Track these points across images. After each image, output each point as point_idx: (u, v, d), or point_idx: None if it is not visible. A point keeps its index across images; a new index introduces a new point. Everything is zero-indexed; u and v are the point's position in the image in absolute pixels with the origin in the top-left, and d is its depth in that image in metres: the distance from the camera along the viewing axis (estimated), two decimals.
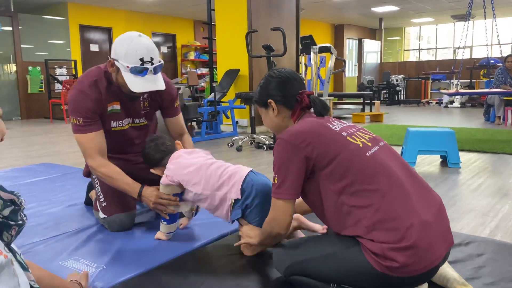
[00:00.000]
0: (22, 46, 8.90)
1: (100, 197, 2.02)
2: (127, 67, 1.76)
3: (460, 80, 11.33)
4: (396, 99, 12.26)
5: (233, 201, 1.63)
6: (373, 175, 1.26)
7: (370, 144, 1.34)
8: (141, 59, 1.77)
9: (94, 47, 10.27)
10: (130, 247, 1.79)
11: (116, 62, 1.80)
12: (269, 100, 1.48)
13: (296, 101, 1.46)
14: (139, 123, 2.09)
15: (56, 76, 9.04)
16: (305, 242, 1.42)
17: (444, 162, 3.66)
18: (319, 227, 1.69)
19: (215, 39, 6.72)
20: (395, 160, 1.34)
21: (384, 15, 12.91)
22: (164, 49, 11.91)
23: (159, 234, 1.87)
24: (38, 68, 9.04)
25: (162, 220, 1.82)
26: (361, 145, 1.32)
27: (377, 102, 8.28)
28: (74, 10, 9.69)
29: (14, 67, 8.86)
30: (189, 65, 12.24)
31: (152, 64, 1.80)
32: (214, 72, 6.44)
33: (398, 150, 4.35)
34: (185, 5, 10.16)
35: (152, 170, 1.89)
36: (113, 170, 1.88)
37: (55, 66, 9.17)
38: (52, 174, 3.27)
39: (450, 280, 1.36)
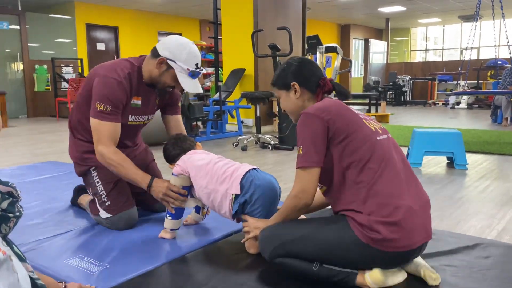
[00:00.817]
0: (29, 44, 8.95)
1: (103, 196, 2.01)
2: (188, 69, 1.91)
3: (467, 81, 11.26)
4: (402, 99, 12.20)
5: (233, 197, 1.67)
6: (378, 158, 1.38)
7: (380, 132, 1.47)
8: (196, 64, 1.94)
9: (100, 46, 10.31)
10: (134, 246, 1.79)
11: (171, 63, 1.91)
12: (293, 83, 1.56)
13: (319, 86, 1.56)
14: (148, 120, 2.17)
15: (63, 75, 9.09)
16: (292, 224, 1.49)
17: (451, 164, 3.63)
18: None
19: (221, 39, 6.72)
20: (397, 153, 1.46)
21: (390, 15, 12.86)
22: None
23: (163, 233, 1.87)
24: (45, 66, 9.09)
25: (167, 215, 1.83)
26: (373, 130, 1.45)
27: (383, 103, 8.25)
28: (81, 9, 9.73)
29: (21, 66, 8.91)
30: None
31: (201, 70, 1.98)
32: (219, 72, 6.44)
33: (404, 151, 4.33)
34: (191, 4, 10.17)
35: (169, 166, 1.95)
36: (124, 158, 1.91)
37: (62, 65, 9.21)
38: (58, 172, 3.28)
39: (420, 264, 1.45)
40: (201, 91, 2.01)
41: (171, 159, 1.93)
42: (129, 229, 1.99)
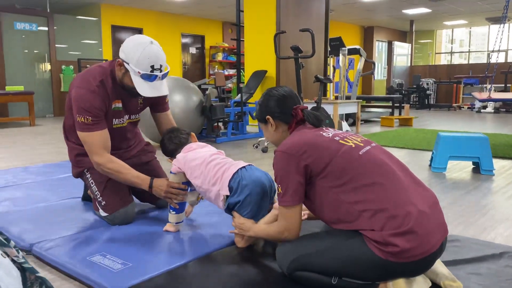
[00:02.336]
0: (56, 45, 9.18)
1: (98, 196, 2.07)
2: (138, 72, 1.86)
3: (494, 85, 10.97)
4: (426, 103, 11.99)
5: (225, 197, 1.74)
6: (368, 171, 1.35)
7: (362, 145, 1.43)
8: (152, 66, 1.87)
9: None
10: (157, 245, 1.80)
11: (126, 65, 1.89)
12: (267, 116, 1.60)
13: (292, 116, 1.57)
14: (135, 119, 2.21)
15: None
16: (308, 237, 1.47)
17: (477, 169, 3.54)
18: None
19: (243, 40, 6.75)
20: (389, 157, 1.43)
21: (415, 17, 12.65)
22: (193, 50, 12.04)
23: (168, 226, 1.94)
24: (71, 67, 9.30)
25: (171, 210, 1.91)
26: (353, 146, 1.42)
27: (406, 106, 8.11)
28: (107, 11, 9.92)
29: (48, 66, 9.15)
30: (216, 66, 12.33)
31: (161, 71, 1.90)
32: (241, 73, 6.46)
33: (427, 155, 4.25)
34: (215, 6, 10.25)
35: (167, 160, 2.04)
36: (120, 165, 1.96)
37: (87, 65, 9.40)
38: None
39: (439, 275, 1.39)
40: (162, 92, 1.93)
41: (169, 153, 2.02)
42: (152, 228, 2.01)
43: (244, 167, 1.78)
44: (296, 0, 6.57)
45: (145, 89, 1.89)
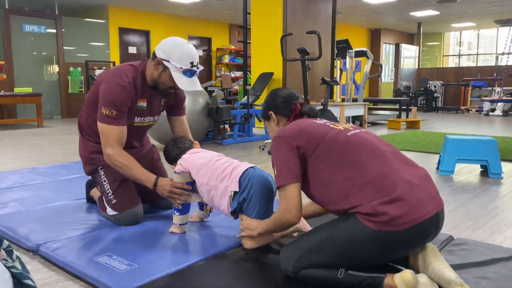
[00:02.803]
0: (64, 47, 9.25)
1: (109, 194, 2.10)
2: (181, 68, 1.96)
3: (504, 88, 10.89)
4: (434, 105, 11.92)
5: (232, 194, 1.74)
6: (355, 149, 1.44)
7: (351, 129, 1.54)
8: (191, 63, 1.98)
9: (132, 49, 10.54)
10: (163, 246, 1.80)
11: (166, 63, 1.97)
12: (270, 112, 1.73)
13: (292, 110, 1.70)
14: (155, 121, 2.26)
15: (95, 77, 9.34)
16: (307, 234, 1.51)
17: (485, 172, 3.51)
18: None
19: (250, 43, 6.75)
20: (377, 140, 1.51)
21: (423, 19, 12.60)
22: (200, 52, 12.07)
23: (173, 228, 1.95)
24: (79, 69, 9.37)
25: (175, 211, 1.92)
26: (342, 129, 1.52)
27: (414, 109, 8.07)
28: (114, 13, 9.99)
29: (56, 68, 9.22)
30: (223, 68, 12.36)
31: (198, 68, 2.02)
32: (248, 75, 6.46)
33: (435, 158, 4.22)
34: (221, 9, 10.28)
35: (170, 166, 2.04)
36: (130, 160, 2.00)
37: (95, 67, 9.47)
38: None
39: (449, 281, 1.36)
40: (198, 88, 2.06)
41: (172, 159, 2.03)
42: (157, 230, 2.01)
43: (252, 167, 1.81)
44: (303, 2, 6.57)
45: (184, 83, 1.98)
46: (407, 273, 1.33)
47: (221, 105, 5.15)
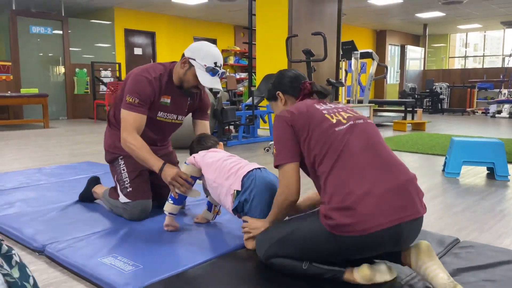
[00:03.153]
0: (70, 49, 9.30)
1: (126, 183, 2.21)
2: (204, 65, 2.09)
3: (510, 89, 10.82)
4: (440, 107, 11.87)
5: (235, 192, 1.78)
6: (334, 148, 1.45)
7: (344, 122, 1.52)
8: (215, 63, 2.12)
9: (137, 51, 10.58)
10: (168, 247, 1.81)
11: (192, 61, 2.11)
12: (278, 92, 1.75)
13: (300, 90, 1.72)
14: (179, 120, 2.36)
15: (101, 78, 9.38)
16: (278, 225, 1.59)
17: (491, 175, 3.49)
18: None
19: (255, 44, 6.75)
20: (364, 138, 1.48)
21: (428, 21, 12.55)
22: None
23: (167, 220, 2.00)
24: (85, 70, 9.41)
25: (170, 200, 1.97)
26: (334, 121, 1.52)
27: (419, 110, 8.04)
28: (120, 15, 10.03)
29: (62, 69, 9.27)
30: (228, 70, 12.37)
31: (220, 69, 2.15)
32: (252, 77, 6.46)
33: (441, 160, 4.20)
34: (226, 10, 10.29)
35: None
36: (143, 143, 2.10)
37: (101, 69, 9.51)
38: (94, 172, 3.38)
39: (442, 283, 1.34)
40: (219, 87, 2.17)
41: (194, 153, 2.08)
42: (161, 231, 2.01)
43: (259, 168, 1.83)
44: (308, 4, 6.57)
45: (206, 80, 2.10)
46: (364, 268, 1.42)
47: (226, 106, 5.15)
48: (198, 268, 1.61)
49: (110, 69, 9.67)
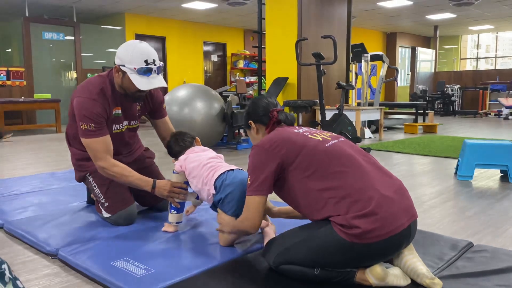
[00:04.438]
0: (82, 54, 9.41)
1: (101, 198, 2.17)
2: (134, 68, 1.97)
3: None
4: (451, 109, 11.75)
5: (213, 195, 1.87)
6: (333, 161, 1.47)
7: (329, 139, 1.58)
8: (145, 61, 1.98)
9: None
10: (180, 251, 1.81)
11: (122, 67, 2.00)
12: (249, 121, 1.78)
13: (269, 118, 1.73)
14: (133, 125, 2.30)
15: None
16: (288, 233, 1.59)
17: (505, 177, 3.44)
18: (265, 223, 1.92)
19: (264, 48, 6.77)
20: (355, 150, 1.55)
21: (439, 22, 12.46)
22: (215, 58, 12.15)
23: (166, 227, 2.05)
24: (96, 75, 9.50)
25: (172, 210, 2.01)
26: (321, 139, 1.56)
27: (430, 113, 7.97)
28: (131, 20, 10.13)
29: (74, 74, 9.38)
30: (238, 74, 12.40)
31: (155, 64, 2.01)
32: (262, 80, 6.47)
33: (453, 163, 4.15)
34: (236, 14, 10.33)
35: (172, 160, 2.16)
36: (124, 168, 2.05)
37: None
38: None
39: (420, 275, 1.44)
40: (161, 85, 2.02)
41: (174, 154, 2.15)
42: (170, 234, 2.02)
43: (232, 170, 1.91)
44: (317, 7, 6.56)
45: (143, 83, 1.98)
46: (376, 267, 1.41)
47: (236, 110, 5.16)
48: (210, 272, 1.62)
49: None
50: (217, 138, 4.98)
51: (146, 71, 1.98)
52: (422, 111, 8.43)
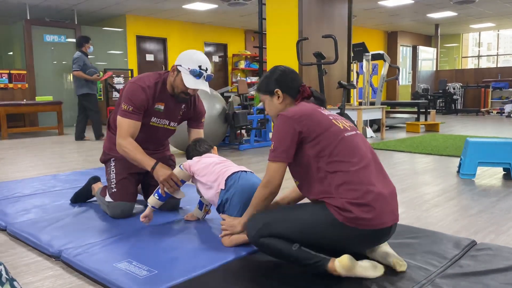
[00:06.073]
0: None
1: (112, 183, 2.35)
2: (188, 68, 2.21)
3: None
4: (453, 108, 11.73)
5: (220, 191, 1.90)
6: (347, 150, 1.55)
7: (349, 129, 1.64)
8: (199, 66, 2.22)
9: (149, 57, 10.67)
10: (182, 252, 1.81)
11: (178, 67, 2.24)
12: (276, 89, 1.76)
13: (298, 92, 1.76)
14: (171, 127, 2.47)
15: (114, 85, 9.48)
16: (275, 209, 1.70)
17: (507, 175, 3.43)
18: None
19: (265, 48, 6.77)
20: (366, 147, 1.63)
21: (440, 21, 12.43)
22: (216, 59, 12.15)
23: (147, 210, 2.14)
24: None
25: (156, 195, 2.11)
26: (342, 127, 1.62)
27: (432, 111, 7.95)
28: (132, 22, 10.14)
29: None
30: (239, 74, 12.41)
31: (206, 72, 2.25)
32: None
33: (455, 161, 4.14)
34: (237, 15, 10.33)
35: None
36: (136, 146, 2.24)
37: (113, 75, 9.61)
38: None
39: (390, 254, 1.61)
40: (205, 89, 2.24)
41: (190, 157, 2.22)
42: (175, 235, 2.02)
43: (245, 171, 1.95)
44: (318, 7, 6.56)
45: (190, 82, 2.21)
46: (345, 257, 1.49)
47: (238, 110, 5.16)
48: (213, 272, 1.62)
49: (122, 75, 9.76)
50: (219, 139, 4.99)
51: (197, 74, 2.21)
52: (424, 110, 8.41)
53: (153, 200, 2.12)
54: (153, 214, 2.16)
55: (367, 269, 1.51)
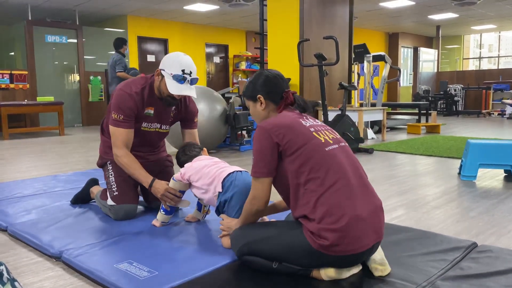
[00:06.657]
0: (85, 57, 9.44)
1: (113, 186, 2.33)
2: (171, 74, 2.18)
3: None
4: (454, 109, 11.72)
5: (218, 194, 1.90)
6: (327, 167, 1.49)
7: (331, 142, 1.58)
8: (183, 70, 2.19)
9: (150, 58, 10.68)
10: (183, 253, 1.81)
11: (162, 71, 2.22)
12: (259, 95, 1.71)
13: (281, 98, 1.70)
14: (164, 130, 2.46)
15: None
16: (258, 226, 1.66)
17: (509, 177, 3.43)
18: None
19: (266, 49, 6.77)
20: (349, 161, 1.56)
21: (441, 22, 12.43)
22: (217, 59, 12.16)
23: (155, 222, 2.18)
24: (99, 77, 9.54)
25: (162, 210, 2.15)
26: (323, 141, 1.56)
27: (433, 113, 7.95)
28: (133, 23, 10.15)
29: (77, 77, 9.40)
30: (240, 75, 12.41)
31: (190, 76, 2.21)
32: None
33: (456, 163, 4.14)
34: (238, 16, 10.34)
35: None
36: (133, 161, 2.25)
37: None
38: None
39: (371, 259, 1.57)
40: (190, 94, 2.20)
41: (182, 164, 2.22)
42: (176, 236, 2.02)
43: (240, 171, 1.94)
44: (319, 8, 6.56)
45: (174, 88, 2.18)
46: (330, 270, 1.50)
47: (238, 111, 5.16)
48: (213, 273, 1.62)
49: None
50: (220, 139, 4.99)
51: (180, 79, 2.18)
52: (425, 111, 8.41)
53: (161, 216, 2.15)
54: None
55: (350, 269, 1.54)
